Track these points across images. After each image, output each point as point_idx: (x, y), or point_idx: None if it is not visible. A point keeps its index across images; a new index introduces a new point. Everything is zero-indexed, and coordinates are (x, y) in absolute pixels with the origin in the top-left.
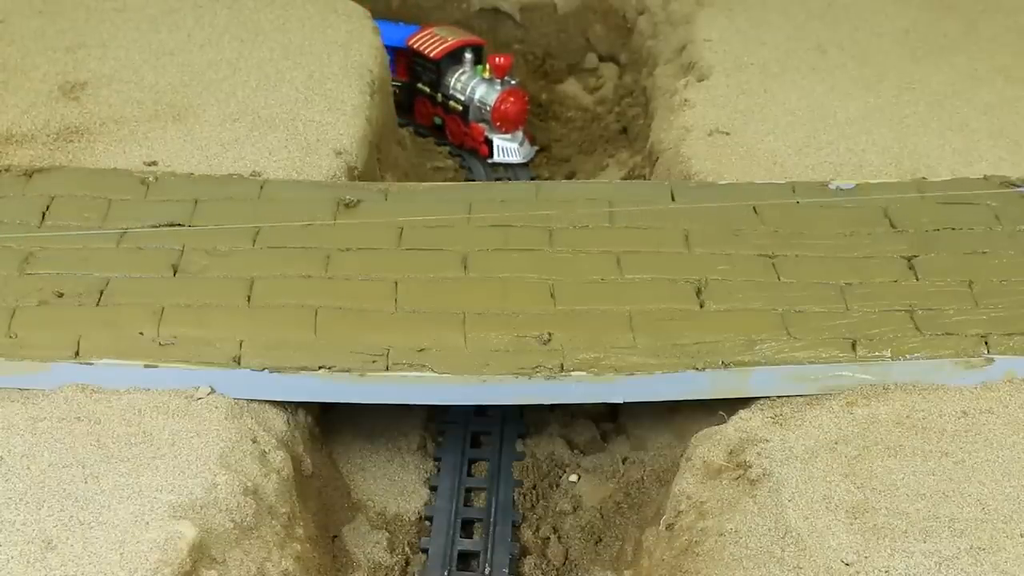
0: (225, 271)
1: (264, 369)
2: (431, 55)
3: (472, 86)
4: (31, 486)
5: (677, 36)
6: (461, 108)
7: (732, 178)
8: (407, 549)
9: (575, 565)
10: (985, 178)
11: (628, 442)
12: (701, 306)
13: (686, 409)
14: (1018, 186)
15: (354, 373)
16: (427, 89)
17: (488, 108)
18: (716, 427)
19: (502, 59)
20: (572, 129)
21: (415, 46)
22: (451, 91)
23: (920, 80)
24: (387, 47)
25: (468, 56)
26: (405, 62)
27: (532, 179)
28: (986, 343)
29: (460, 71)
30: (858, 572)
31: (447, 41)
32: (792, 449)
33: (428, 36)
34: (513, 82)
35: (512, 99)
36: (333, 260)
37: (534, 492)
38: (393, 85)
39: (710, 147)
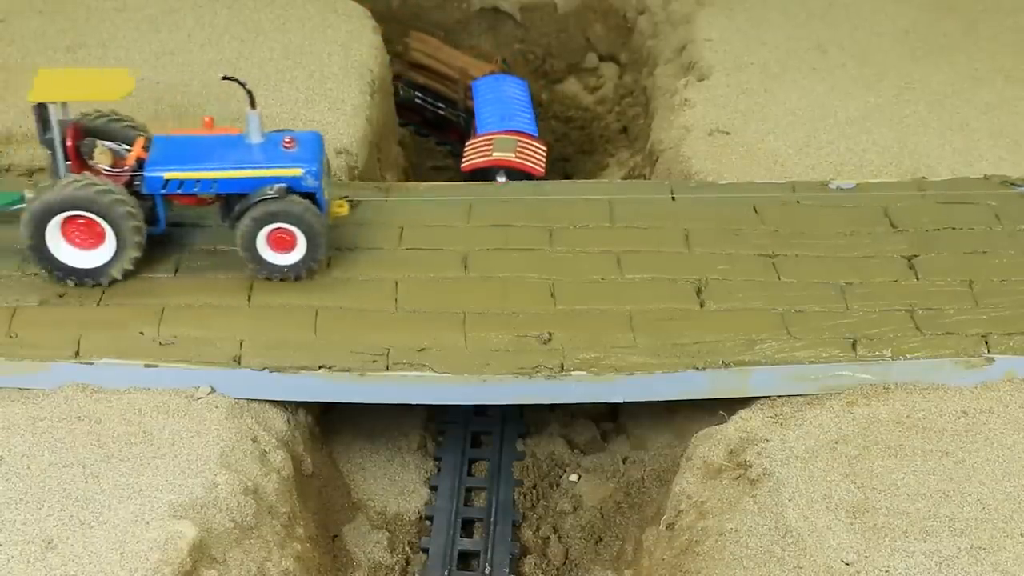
0: (225, 271)
1: (264, 369)
2: (461, 164)
3: None
4: (32, 486)
5: (677, 36)
6: None
7: (732, 178)
8: (407, 549)
9: (575, 565)
10: (985, 178)
11: (628, 442)
12: (701, 306)
13: (686, 409)
14: (1018, 186)
15: (354, 373)
16: None
17: None
18: (716, 427)
19: None
20: (572, 129)
21: (469, 144)
22: None
23: (920, 80)
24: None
25: (501, 179)
26: None
27: None
28: (986, 343)
29: None
30: (858, 572)
31: (486, 156)
32: (792, 449)
33: (481, 142)
34: None
35: None
36: (333, 259)
37: (534, 492)
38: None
39: (710, 147)
